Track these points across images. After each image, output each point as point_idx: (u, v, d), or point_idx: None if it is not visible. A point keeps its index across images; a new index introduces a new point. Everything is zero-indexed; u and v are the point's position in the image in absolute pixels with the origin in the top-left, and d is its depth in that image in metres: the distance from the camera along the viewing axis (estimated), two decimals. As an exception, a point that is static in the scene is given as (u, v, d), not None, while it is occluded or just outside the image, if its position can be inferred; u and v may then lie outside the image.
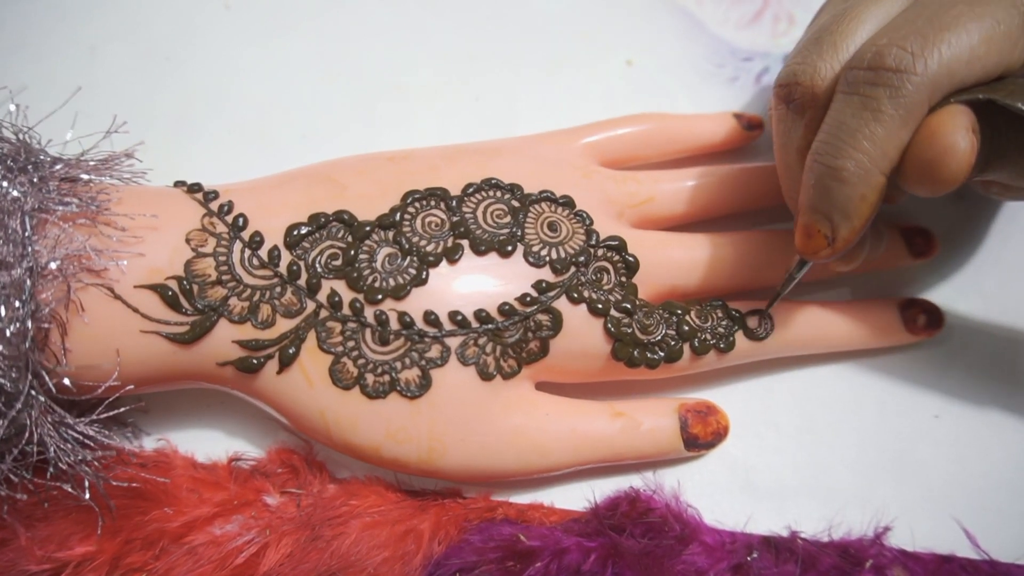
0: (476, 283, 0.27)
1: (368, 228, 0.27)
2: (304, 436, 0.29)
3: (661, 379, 0.29)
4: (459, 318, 0.26)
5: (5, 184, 0.23)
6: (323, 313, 0.26)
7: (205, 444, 0.29)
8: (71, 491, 0.25)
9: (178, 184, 0.28)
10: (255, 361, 0.26)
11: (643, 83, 0.37)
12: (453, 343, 0.26)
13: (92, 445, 0.25)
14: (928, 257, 0.32)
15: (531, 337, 0.27)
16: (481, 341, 0.26)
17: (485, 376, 0.27)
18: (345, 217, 0.27)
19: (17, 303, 0.22)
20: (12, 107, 0.26)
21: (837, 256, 0.26)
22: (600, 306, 0.27)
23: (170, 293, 0.25)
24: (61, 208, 0.24)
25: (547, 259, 0.28)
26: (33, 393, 0.23)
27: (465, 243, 0.27)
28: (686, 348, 0.28)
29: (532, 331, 0.27)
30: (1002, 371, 0.32)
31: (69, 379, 0.24)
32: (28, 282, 0.22)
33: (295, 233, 0.26)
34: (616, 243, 0.28)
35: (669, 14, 0.39)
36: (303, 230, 0.27)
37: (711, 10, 0.39)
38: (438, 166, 0.29)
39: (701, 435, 0.29)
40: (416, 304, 0.26)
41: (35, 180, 0.24)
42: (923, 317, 0.31)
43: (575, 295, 0.27)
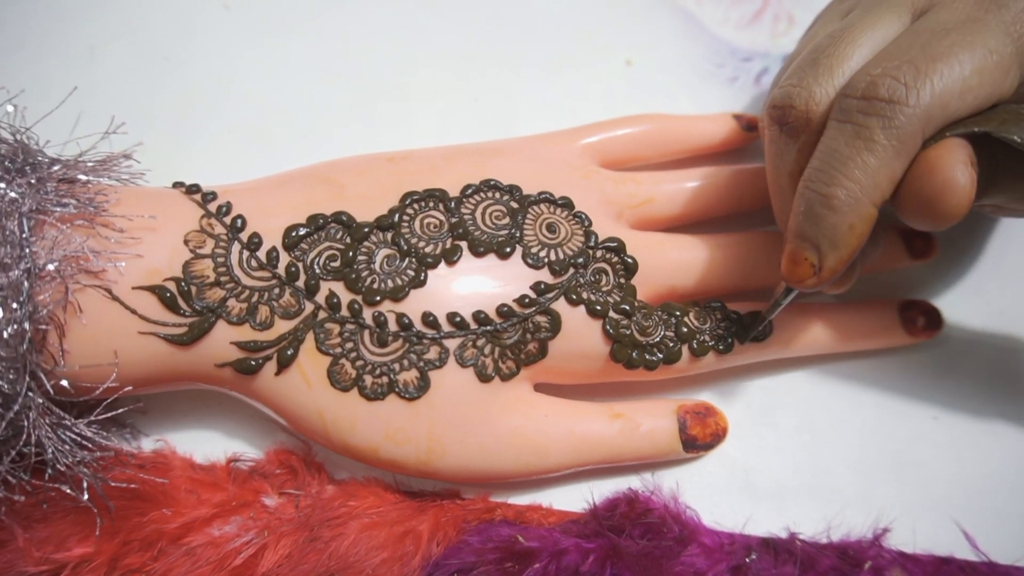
0: (475, 284, 0.27)
1: (367, 229, 0.27)
2: (302, 437, 0.29)
3: (660, 380, 0.29)
4: (457, 319, 0.26)
5: (3, 185, 0.23)
6: (321, 314, 0.26)
7: (203, 445, 0.29)
8: (69, 492, 0.25)
9: (176, 185, 0.28)
10: (253, 362, 0.26)
11: (643, 83, 0.37)
12: (451, 344, 0.26)
13: (90, 446, 0.25)
14: (927, 259, 0.32)
15: (530, 338, 0.27)
16: (480, 343, 0.26)
17: (483, 377, 0.26)
18: (344, 218, 0.27)
19: (15, 304, 0.22)
20: (10, 108, 0.26)
21: (823, 285, 0.26)
22: (599, 307, 0.27)
23: (168, 294, 0.25)
24: (59, 209, 0.24)
25: (546, 260, 0.27)
26: (31, 394, 0.23)
27: (464, 244, 0.27)
28: (685, 349, 0.28)
29: (531, 332, 0.27)
30: (1001, 373, 0.32)
31: (67, 380, 0.24)
32: (26, 283, 0.22)
33: (293, 234, 0.26)
34: (615, 244, 0.28)
35: (669, 14, 0.39)
36: (301, 231, 0.26)
37: (711, 10, 0.39)
38: (437, 167, 0.29)
39: (700, 436, 0.29)
40: (414, 305, 0.26)
41: (33, 181, 0.24)
42: (922, 318, 0.31)
43: (574, 296, 0.27)
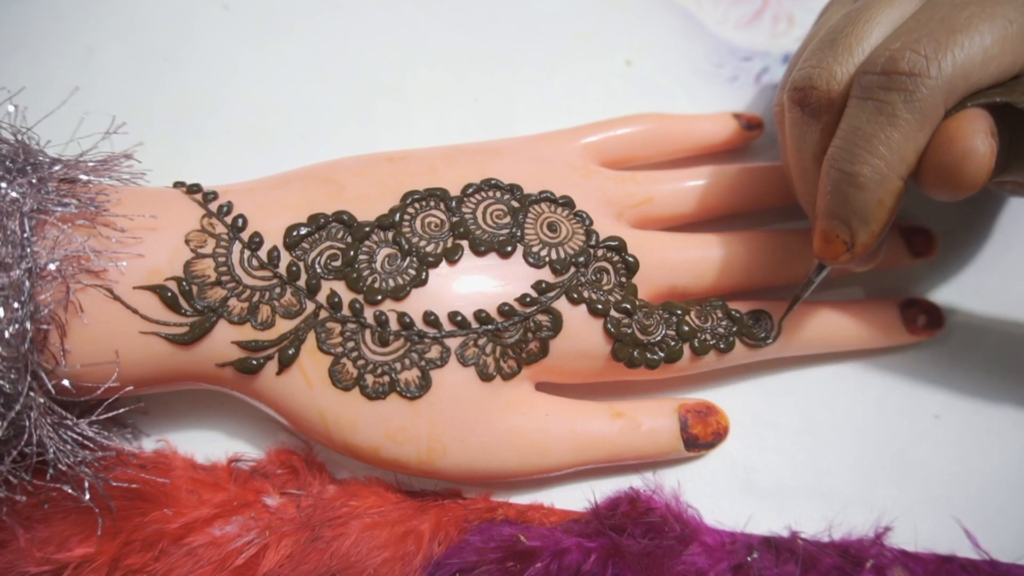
0: (476, 284, 0.27)
1: (367, 229, 0.27)
2: (304, 437, 0.29)
3: (661, 379, 0.29)
4: (459, 319, 0.26)
5: (4, 185, 0.23)
6: (323, 314, 0.26)
7: (205, 445, 0.29)
8: (71, 492, 0.25)
9: (177, 185, 0.28)
10: (254, 362, 0.26)
11: (642, 83, 0.37)
12: (453, 344, 0.26)
13: (92, 446, 0.25)
14: (928, 256, 0.32)
15: (531, 338, 0.27)
16: (481, 342, 0.26)
17: (485, 377, 0.26)
18: (344, 218, 0.27)
19: (16, 304, 0.22)
20: (11, 108, 0.26)
21: (856, 261, 0.26)
22: (600, 306, 0.27)
23: (169, 294, 0.25)
24: (60, 209, 0.24)
25: (547, 259, 0.27)
26: (32, 394, 0.23)
27: (465, 244, 0.27)
28: (686, 348, 0.28)
29: (532, 332, 0.27)
30: (1002, 371, 0.32)
31: (68, 380, 0.24)
32: (27, 283, 0.22)
33: (294, 234, 0.26)
34: (616, 243, 0.28)
35: (668, 14, 0.39)
36: (302, 231, 0.26)
37: (710, 10, 0.39)
38: (437, 167, 0.29)
39: (701, 435, 0.29)
40: (416, 305, 0.26)
41: (34, 181, 0.24)
42: (923, 317, 0.31)
43: (575, 295, 0.27)
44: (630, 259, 0.28)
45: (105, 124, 0.27)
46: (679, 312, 0.28)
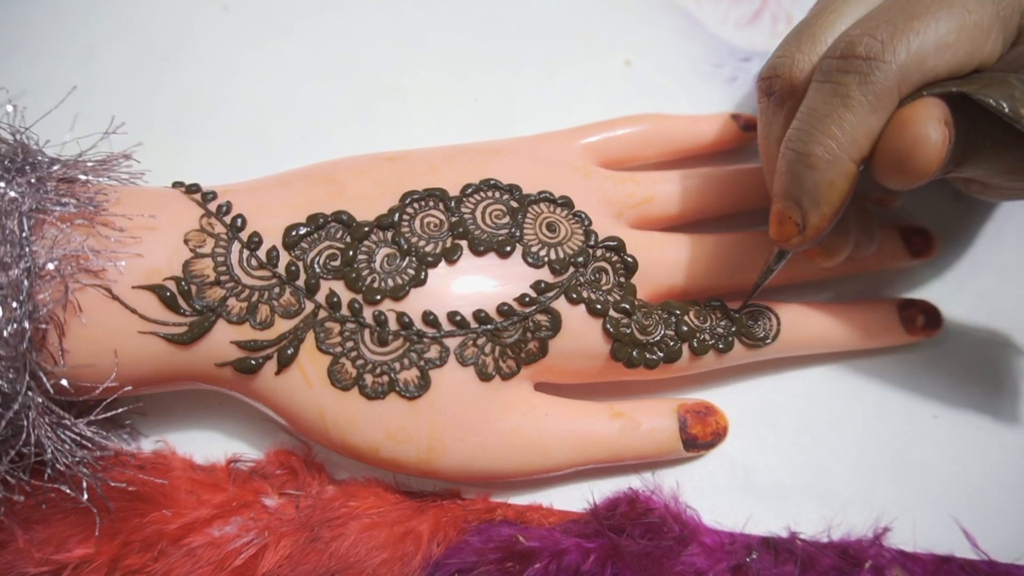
0: (475, 283, 0.27)
1: (367, 229, 0.27)
2: (303, 437, 0.29)
3: (660, 379, 0.29)
4: (458, 318, 0.26)
5: (3, 184, 0.23)
6: (322, 314, 0.26)
7: (203, 446, 0.29)
8: (69, 493, 0.25)
9: (176, 185, 0.28)
10: (253, 362, 0.25)
11: (642, 83, 0.37)
12: (452, 343, 0.26)
13: (90, 446, 0.25)
14: (926, 257, 0.32)
15: (530, 337, 0.27)
16: (480, 341, 0.26)
17: (484, 376, 0.26)
18: (344, 218, 0.27)
19: (15, 304, 0.22)
20: (10, 107, 0.26)
21: (808, 244, 0.26)
22: (599, 306, 0.27)
23: (168, 294, 0.25)
24: (59, 209, 0.24)
25: (546, 259, 0.27)
26: (31, 394, 0.23)
27: (464, 243, 0.27)
28: (685, 348, 0.28)
29: (531, 331, 0.27)
30: (1001, 371, 0.32)
31: (67, 380, 0.24)
32: (26, 283, 0.22)
33: (294, 234, 0.26)
34: (615, 243, 0.28)
35: (668, 14, 0.39)
36: (301, 231, 0.26)
37: (710, 10, 0.39)
38: (437, 167, 0.29)
39: (700, 435, 0.29)
40: (415, 304, 0.26)
41: (33, 180, 0.24)
42: (922, 317, 0.31)
43: (574, 295, 0.27)
44: (629, 259, 0.28)
45: (104, 124, 0.27)
46: (678, 312, 0.28)
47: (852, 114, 0.24)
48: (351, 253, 0.26)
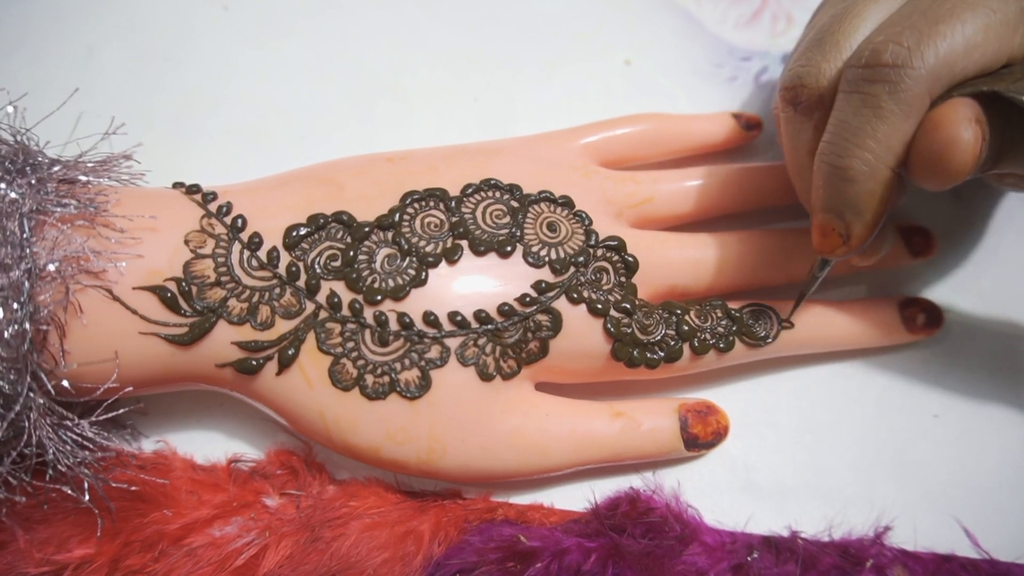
0: (475, 284, 0.27)
1: (367, 229, 0.27)
2: (303, 437, 0.29)
3: (661, 379, 0.29)
4: (458, 319, 0.26)
5: (3, 186, 0.23)
6: (322, 314, 0.26)
7: (204, 446, 0.29)
8: (70, 493, 0.25)
9: (176, 185, 0.28)
10: (254, 362, 0.25)
11: (642, 83, 0.37)
12: (453, 344, 0.26)
13: (91, 447, 0.25)
14: (927, 256, 0.32)
15: (531, 337, 0.27)
16: (481, 342, 0.26)
17: (485, 376, 0.26)
18: (344, 218, 0.27)
19: (16, 305, 0.22)
20: (10, 108, 0.25)
21: (855, 252, 0.26)
22: (600, 306, 0.27)
23: (169, 294, 0.25)
24: (59, 210, 0.24)
25: (546, 259, 0.27)
26: (32, 395, 0.23)
27: (464, 243, 0.27)
28: (686, 348, 0.28)
29: (532, 331, 0.27)
30: (1001, 369, 0.32)
31: (68, 381, 0.24)
32: (26, 284, 0.22)
33: (294, 234, 0.26)
34: (615, 243, 0.28)
35: (668, 14, 0.39)
36: (302, 231, 0.26)
37: (710, 10, 0.39)
38: (437, 167, 0.29)
39: (701, 435, 0.29)
40: (415, 305, 0.26)
41: (33, 182, 0.24)
42: (922, 316, 0.31)
43: (575, 295, 0.27)
44: (629, 259, 0.28)
45: (104, 124, 0.27)
46: (679, 312, 0.28)
47: (885, 124, 0.23)
48: (352, 253, 0.26)
